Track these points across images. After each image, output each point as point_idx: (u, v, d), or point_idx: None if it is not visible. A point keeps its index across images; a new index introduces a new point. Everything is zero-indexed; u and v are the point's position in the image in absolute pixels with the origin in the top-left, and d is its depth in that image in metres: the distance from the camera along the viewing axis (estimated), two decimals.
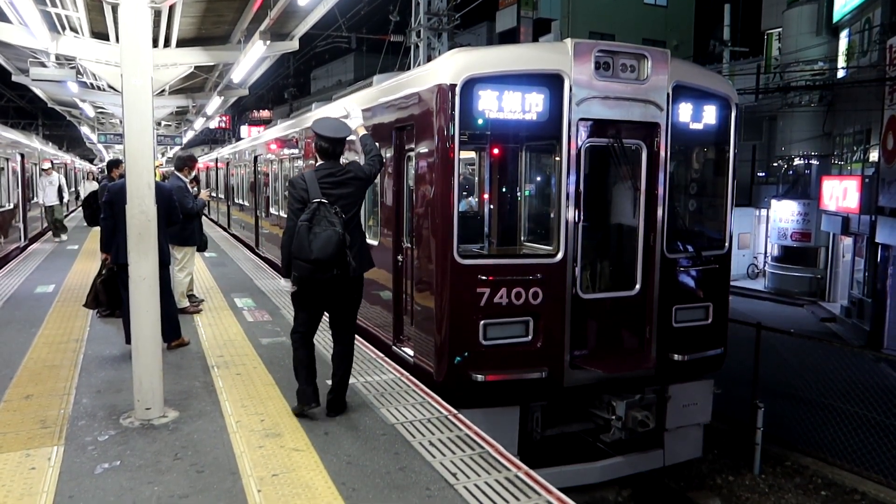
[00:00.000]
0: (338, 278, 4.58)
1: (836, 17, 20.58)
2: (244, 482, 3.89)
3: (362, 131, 5.08)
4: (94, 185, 18.84)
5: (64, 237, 16.39)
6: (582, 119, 5.96)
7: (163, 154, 32.97)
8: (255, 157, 15.79)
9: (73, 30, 10.30)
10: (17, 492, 3.75)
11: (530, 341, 5.91)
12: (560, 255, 5.95)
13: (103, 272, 6.85)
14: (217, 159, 25.53)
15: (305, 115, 11.98)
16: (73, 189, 26.06)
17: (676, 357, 6.42)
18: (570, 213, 5.95)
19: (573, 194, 5.97)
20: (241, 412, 4.98)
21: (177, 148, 26.18)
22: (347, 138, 4.84)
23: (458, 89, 5.59)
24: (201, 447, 4.36)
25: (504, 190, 7.41)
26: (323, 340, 6.17)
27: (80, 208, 20.41)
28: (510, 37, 27.32)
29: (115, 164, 9.93)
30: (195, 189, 8.73)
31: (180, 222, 6.98)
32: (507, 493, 3.80)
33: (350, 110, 5.10)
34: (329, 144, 4.72)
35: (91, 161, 47.44)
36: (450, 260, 5.68)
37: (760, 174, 25.23)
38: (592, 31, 27.60)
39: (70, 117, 27.39)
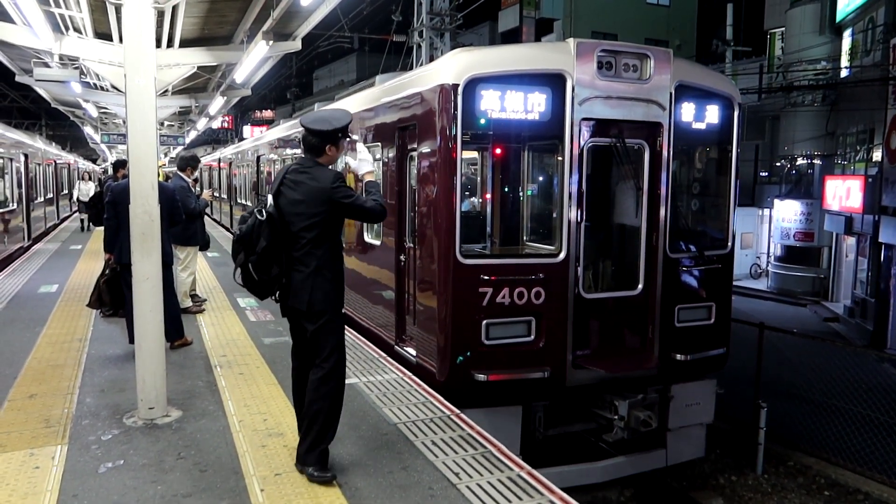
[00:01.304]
0: (261, 284, 3.91)
1: (839, 16, 20.54)
2: (247, 481, 3.90)
3: (370, 178, 4.15)
4: (90, 186, 18.91)
5: None
6: (584, 119, 5.96)
7: (165, 154, 33.03)
8: (258, 157, 15.83)
9: (77, 30, 10.33)
10: (21, 490, 3.76)
11: (533, 341, 5.91)
12: (562, 255, 5.95)
13: (107, 272, 6.87)
14: (220, 159, 25.58)
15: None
16: (68, 191, 26.11)
17: (679, 357, 6.41)
18: (572, 213, 5.95)
19: (576, 194, 5.96)
20: (244, 412, 4.99)
21: (180, 148, 26.19)
22: (344, 136, 4.02)
23: (460, 89, 5.59)
24: (204, 446, 4.37)
25: (506, 190, 7.40)
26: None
27: (78, 211, 20.53)
28: (512, 36, 27.27)
29: (120, 164, 9.95)
30: (197, 189, 8.74)
31: (183, 222, 7.01)
32: (509, 493, 3.81)
33: (360, 152, 4.26)
34: (308, 135, 3.96)
35: (94, 161, 47.55)
36: (452, 259, 5.69)
37: (763, 174, 25.18)
38: (595, 30, 27.55)
39: (73, 117, 27.45)
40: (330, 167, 3.96)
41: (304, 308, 3.90)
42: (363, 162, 4.17)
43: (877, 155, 16.92)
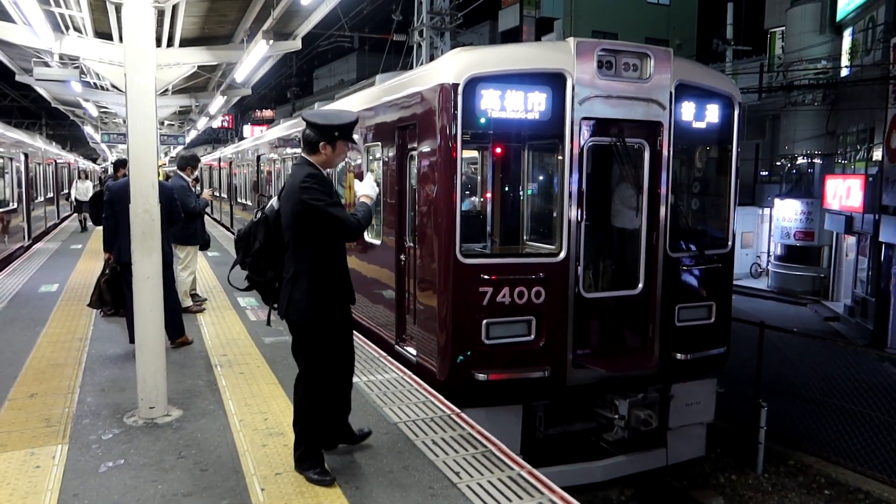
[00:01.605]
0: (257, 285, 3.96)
1: (840, 15, 20.54)
2: (248, 481, 3.90)
3: (365, 199, 3.95)
4: (88, 185, 18.94)
5: None
6: (584, 118, 5.95)
7: (166, 153, 33.03)
8: (258, 157, 15.83)
9: (77, 29, 10.32)
10: (21, 490, 3.76)
11: (533, 340, 5.91)
12: (563, 255, 5.95)
13: (107, 272, 6.88)
14: (220, 159, 25.58)
15: None
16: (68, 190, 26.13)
17: (679, 356, 6.41)
18: (572, 212, 5.95)
19: (576, 193, 5.96)
20: (245, 411, 4.99)
21: (180, 147, 26.21)
22: (343, 137, 3.84)
23: (460, 88, 5.59)
24: (205, 446, 4.37)
25: (507, 189, 7.41)
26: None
27: (75, 212, 20.54)
28: (513, 36, 27.29)
29: (121, 163, 9.93)
30: (198, 188, 8.74)
31: (181, 221, 7.02)
32: (509, 492, 3.81)
33: (367, 179, 4.10)
34: (306, 129, 3.83)
35: (94, 161, 47.53)
36: (452, 259, 5.69)
37: (763, 173, 25.19)
38: (595, 30, 27.54)
39: (73, 117, 27.43)
40: (327, 171, 3.83)
41: (282, 316, 3.87)
42: (366, 186, 4.04)
43: (877, 154, 16.92)
